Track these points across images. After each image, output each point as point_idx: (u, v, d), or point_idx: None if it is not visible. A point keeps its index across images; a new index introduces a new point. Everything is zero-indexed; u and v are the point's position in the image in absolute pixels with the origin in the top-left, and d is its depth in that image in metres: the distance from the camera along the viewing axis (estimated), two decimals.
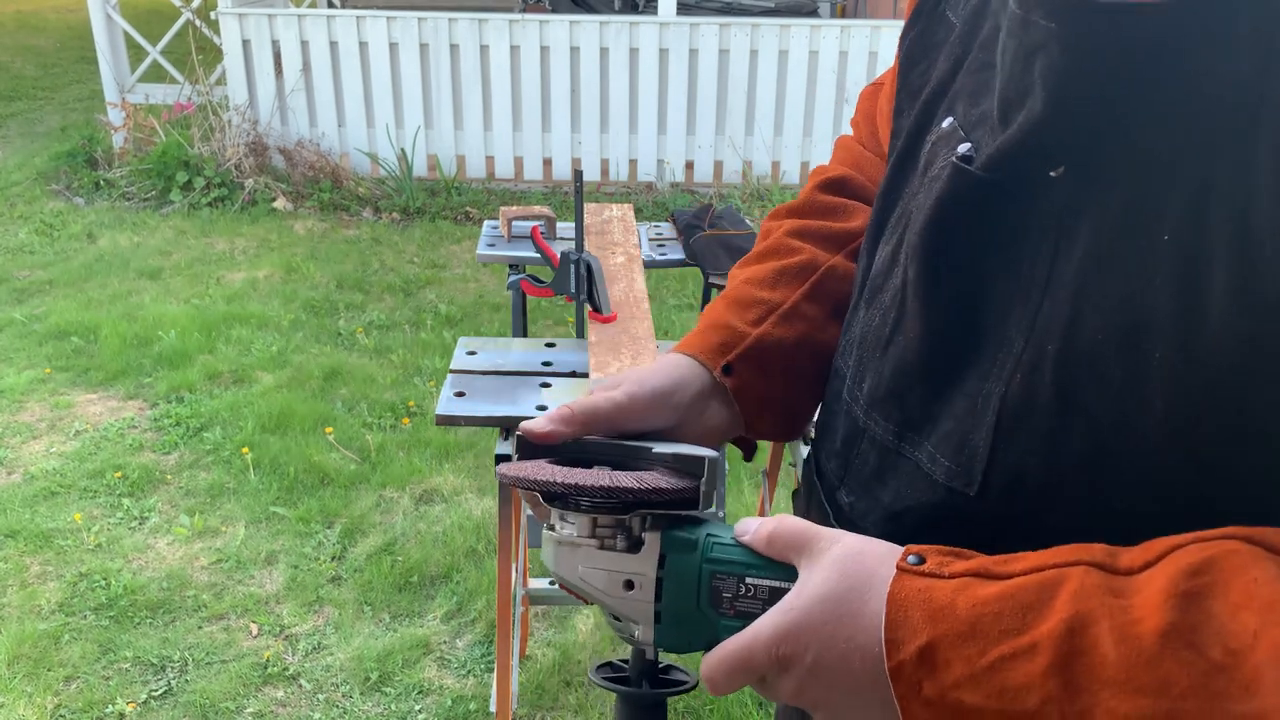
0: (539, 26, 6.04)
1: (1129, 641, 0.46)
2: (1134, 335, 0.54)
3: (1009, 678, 0.49)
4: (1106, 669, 0.47)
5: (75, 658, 2.46)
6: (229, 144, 5.99)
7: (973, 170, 0.62)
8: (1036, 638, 0.49)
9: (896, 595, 0.54)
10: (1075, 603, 0.49)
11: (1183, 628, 0.45)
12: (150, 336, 4.14)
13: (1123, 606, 0.48)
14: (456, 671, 2.45)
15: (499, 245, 2.53)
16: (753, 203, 6.07)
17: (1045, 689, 0.48)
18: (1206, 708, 0.44)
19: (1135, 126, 0.55)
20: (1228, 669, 0.44)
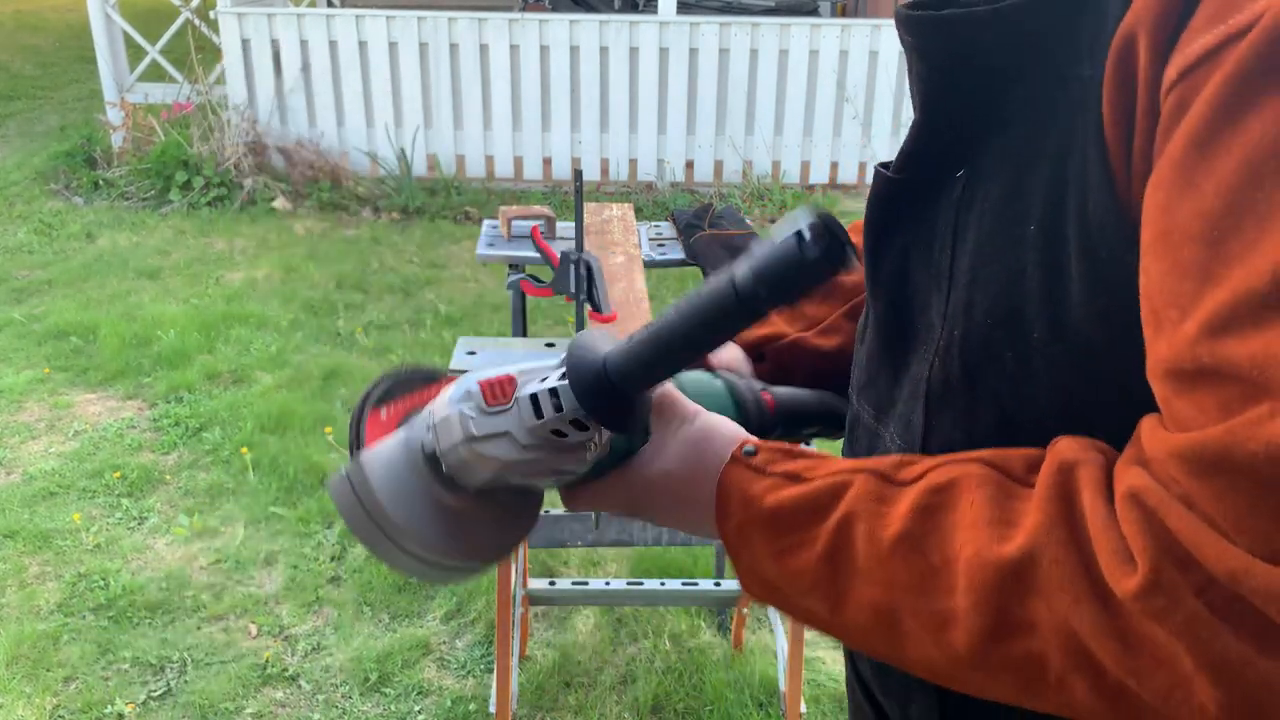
0: (539, 26, 6.03)
1: (875, 542, 0.56)
2: (1014, 317, 0.60)
3: (792, 562, 0.60)
4: (858, 561, 0.56)
5: (74, 658, 2.45)
6: (228, 143, 5.98)
7: (887, 174, 0.70)
8: (816, 533, 0.59)
9: (723, 482, 0.65)
10: (849, 505, 0.58)
11: (915, 535, 0.54)
12: (149, 336, 4.14)
13: (881, 512, 0.57)
14: (456, 672, 2.45)
15: (499, 245, 2.53)
16: (753, 202, 6.07)
17: (816, 573, 0.58)
18: (918, 601, 0.54)
19: (1009, 128, 0.61)
20: (939, 572, 0.53)
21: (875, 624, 0.56)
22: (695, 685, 2.41)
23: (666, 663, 2.48)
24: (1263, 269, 0.44)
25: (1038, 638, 0.50)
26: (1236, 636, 0.43)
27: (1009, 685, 0.52)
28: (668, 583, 2.37)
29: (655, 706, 2.35)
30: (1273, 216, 0.44)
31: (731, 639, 2.55)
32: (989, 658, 0.51)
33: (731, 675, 2.43)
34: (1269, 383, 0.43)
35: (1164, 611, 0.45)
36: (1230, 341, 0.44)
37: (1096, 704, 0.49)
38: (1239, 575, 0.43)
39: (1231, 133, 0.46)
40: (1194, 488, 0.45)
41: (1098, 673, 0.48)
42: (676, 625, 2.61)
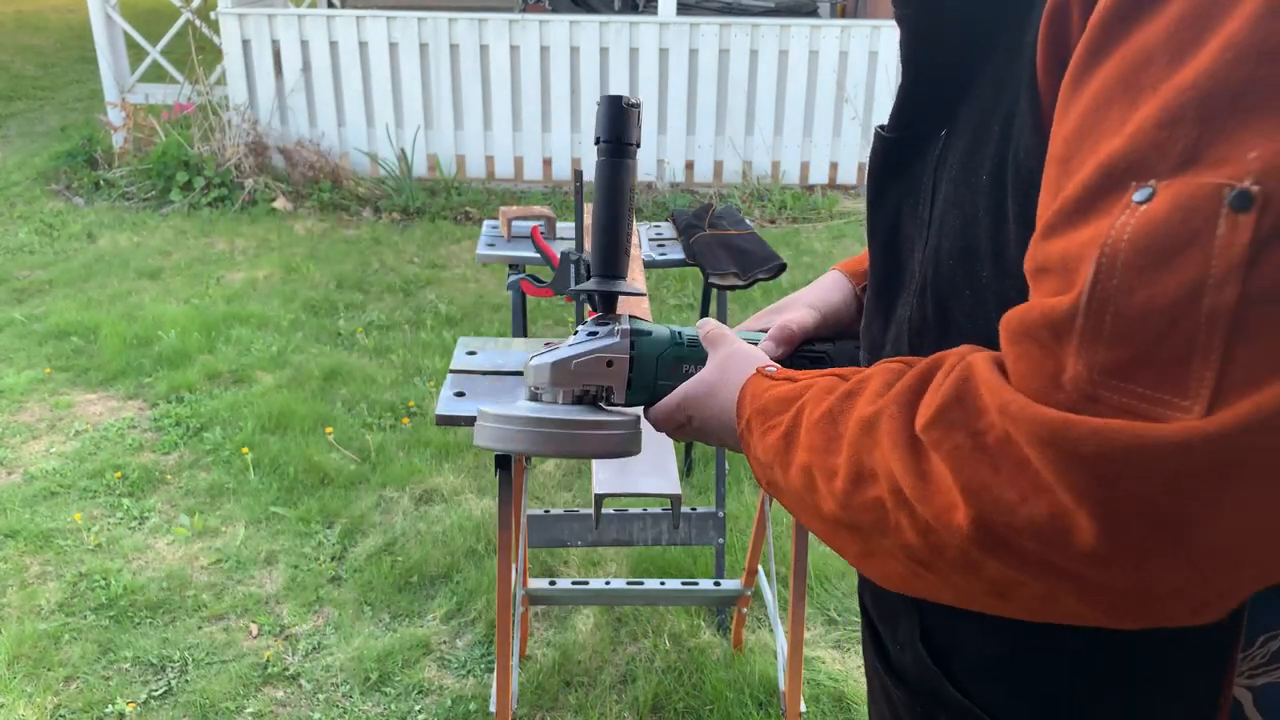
0: (539, 26, 6.04)
1: (810, 419, 0.68)
2: (968, 258, 0.68)
3: (768, 439, 0.73)
4: (799, 434, 0.69)
5: (75, 658, 2.45)
6: (229, 144, 5.99)
7: (882, 133, 0.79)
8: (784, 418, 0.72)
9: (744, 387, 0.80)
10: (809, 395, 0.70)
11: (835, 410, 0.65)
12: (150, 336, 4.14)
13: (823, 399, 0.68)
14: (456, 671, 2.45)
15: (499, 245, 2.53)
16: (753, 202, 6.07)
17: (777, 447, 0.71)
18: (823, 460, 0.65)
19: (977, 92, 0.69)
20: (840, 437, 0.64)
21: (802, 485, 0.67)
22: (695, 685, 2.42)
23: (666, 662, 2.49)
24: (1080, 180, 0.52)
25: (878, 484, 0.59)
26: (989, 465, 0.52)
27: (872, 527, 0.60)
28: (668, 582, 2.38)
29: (655, 706, 2.36)
30: (1100, 139, 0.52)
31: (731, 639, 2.56)
32: (852, 503, 0.61)
33: (731, 675, 2.43)
34: (1064, 272, 0.51)
35: (938, 441, 0.55)
36: (1052, 242, 0.53)
37: (918, 541, 0.57)
38: (1006, 405, 0.52)
39: (1094, 70, 0.53)
40: (1006, 351, 0.55)
41: (911, 509, 0.56)
42: (676, 625, 2.61)
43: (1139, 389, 0.48)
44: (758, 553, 2.34)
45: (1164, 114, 0.49)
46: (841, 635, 2.60)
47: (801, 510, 0.70)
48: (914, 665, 0.81)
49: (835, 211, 6.02)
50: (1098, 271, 0.49)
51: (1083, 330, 0.50)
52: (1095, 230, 0.50)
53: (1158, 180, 0.49)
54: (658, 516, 2.56)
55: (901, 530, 0.58)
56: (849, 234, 5.69)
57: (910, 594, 0.64)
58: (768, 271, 2.18)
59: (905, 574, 0.61)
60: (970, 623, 0.76)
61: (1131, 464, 0.47)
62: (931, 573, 0.58)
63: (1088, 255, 0.50)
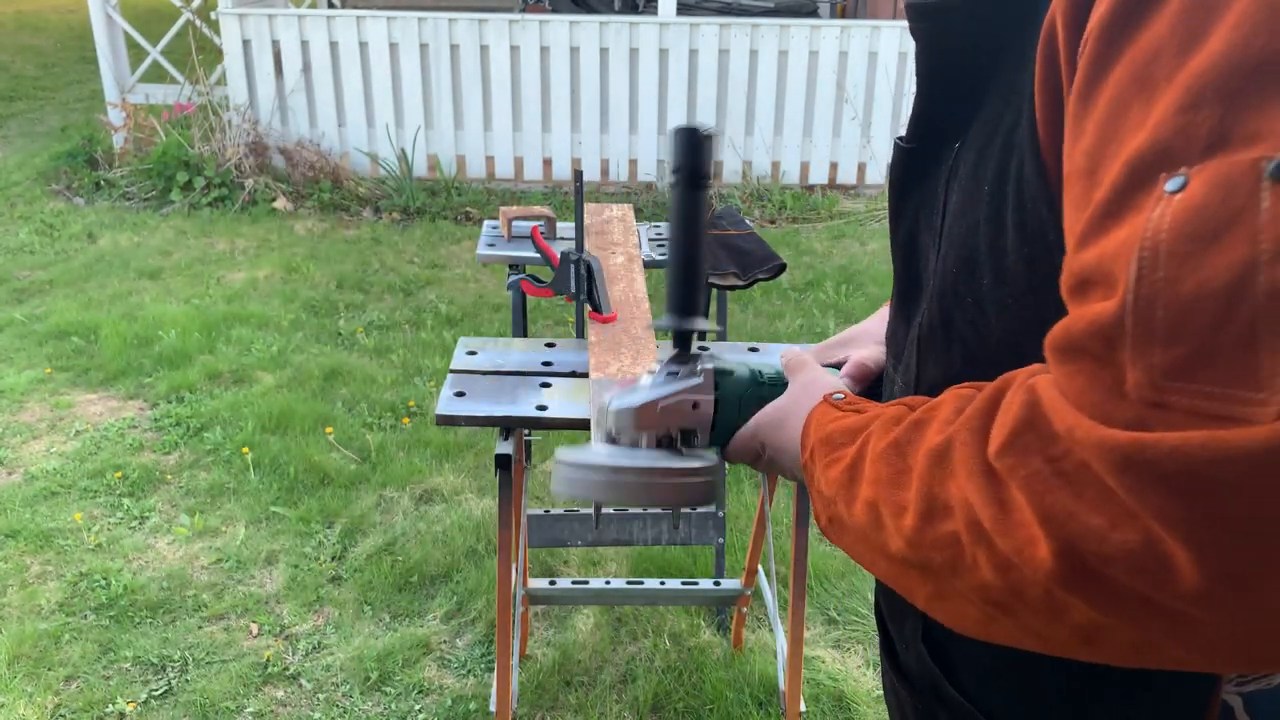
0: (539, 27, 6.04)
1: (875, 450, 0.64)
2: (970, 266, 0.68)
3: (832, 472, 0.70)
4: (864, 467, 0.65)
5: (75, 657, 2.46)
6: (229, 144, 5.99)
7: (901, 145, 0.79)
8: (849, 450, 0.69)
9: (810, 415, 0.77)
10: (875, 426, 0.67)
11: (902, 441, 0.62)
12: (150, 336, 4.15)
13: (889, 429, 0.65)
14: (456, 671, 2.45)
15: (499, 245, 2.53)
16: (752, 203, 6.07)
17: (841, 480, 0.68)
18: (890, 494, 0.61)
19: (987, 105, 0.69)
20: (910, 470, 0.60)
21: (868, 521, 0.64)
22: (695, 684, 2.42)
23: (666, 662, 2.49)
24: (1108, 184, 0.50)
25: (954, 518, 0.55)
26: (1070, 493, 0.48)
27: (944, 566, 0.57)
28: (668, 582, 2.38)
29: (655, 705, 2.36)
30: (1123, 141, 0.50)
31: (731, 638, 2.56)
32: (924, 539, 0.57)
33: (731, 674, 2.43)
34: (1105, 278, 0.49)
35: (1012, 469, 0.51)
36: (1085, 252, 0.51)
37: (996, 579, 0.53)
38: (1073, 431, 0.49)
39: (1103, 79, 0.53)
40: (1057, 373, 0.52)
41: (990, 543, 0.52)
42: (676, 624, 2.61)
43: (1207, 388, 0.45)
44: (758, 552, 2.34)
45: (1184, 99, 0.48)
46: (841, 635, 2.60)
47: (867, 550, 0.66)
48: (916, 664, 0.82)
49: (835, 212, 6.02)
50: (1140, 267, 0.47)
51: (1134, 332, 0.47)
52: (1131, 229, 0.48)
53: (1188, 167, 0.47)
54: (658, 516, 2.56)
55: (978, 568, 0.53)
56: (849, 234, 5.69)
57: (990, 640, 0.59)
58: (768, 271, 2.19)
59: (980, 618, 0.57)
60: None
61: (1219, 479, 0.43)
62: (1009, 617, 0.54)
63: (1126, 255, 0.48)
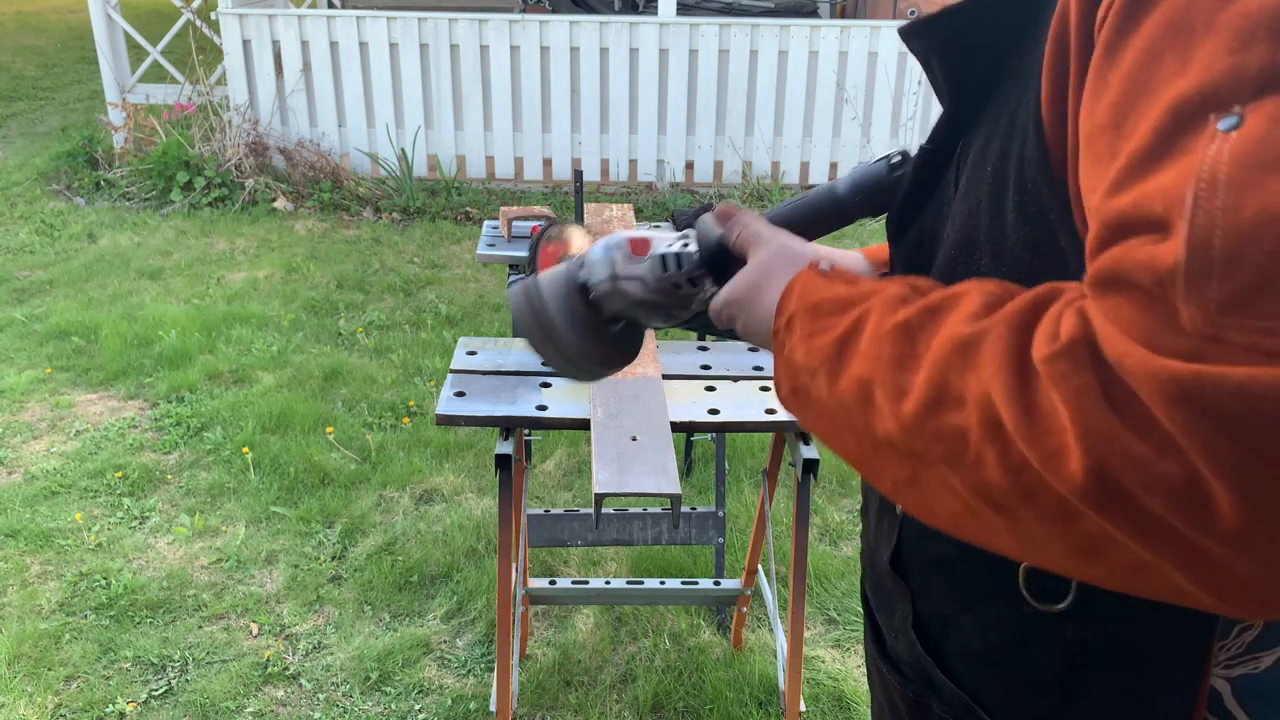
0: (539, 27, 6.04)
1: (878, 329, 0.61)
2: (968, 247, 0.69)
3: (815, 342, 0.66)
4: (860, 343, 0.62)
5: (75, 657, 2.46)
6: (229, 144, 5.99)
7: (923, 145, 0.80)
8: (840, 321, 0.65)
9: (794, 281, 0.73)
10: (874, 301, 0.64)
11: (913, 325, 0.59)
12: (151, 336, 4.15)
13: (895, 310, 0.62)
14: (456, 671, 2.46)
15: (499, 245, 2.53)
16: (753, 203, 6.07)
17: (827, 352, 0.65)
18: (890, 374, 0.59)
19: (996, 98, 0.70)
20: (919, 356, 0.58)
21: (856, 396, 0.61)
22: (695, 684, 2.42)
23: (666, 662, 2.49)
24: (1146, 131, 0.50)
25: (965, 411, 0.53)
26: (1118, 416, 0.47)
27: (940, 458, 0.55)
28: (668, 582, 2.38)
29: (655, 705, 2.36)
30: (1158, 88, 0.50)
31: (731, 638, 2.56)
32: (925, 426, 0.56)
33: (731, 674, 2.44)
34: (1148, 220, 0.48)
35: (1063, 376, 0.49)
36: (1121, 196, 0.50)
37: (1004, 480, 0.52)
38: (1122, 359, 0.47)
39: (1132, 32, 0.52)
40: (1102, 306, 0.50)
41: (1005, 444, 0.51)
42: (676, 624, 2.61)
43: (1267, 322, 0.43)
44: (757, 552, 2.34)
45: (1233, 40, 0.47)
46: (841, 635, 2.60)
47: (839, 426, 0.64)
48: (907, 652, 0.83)
49: None
50: (1196, 198, 0.45)
51: (1189, 265, 0.45)
52: (1180, 170, 0.47)
53: (1242, 105, 0.46)
54: (658, 516, 2.56)
55: (983, 466, 0.52)
56: (849, 234, 5.69)
57: (954, 534, 0.59)
58: None
59: (959, 511, 0.56)
60: (961, 611, 0.77)
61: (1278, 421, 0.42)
62: (1002, 516, 0.53)
63: (1175, 193, 0.46)
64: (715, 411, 1.73)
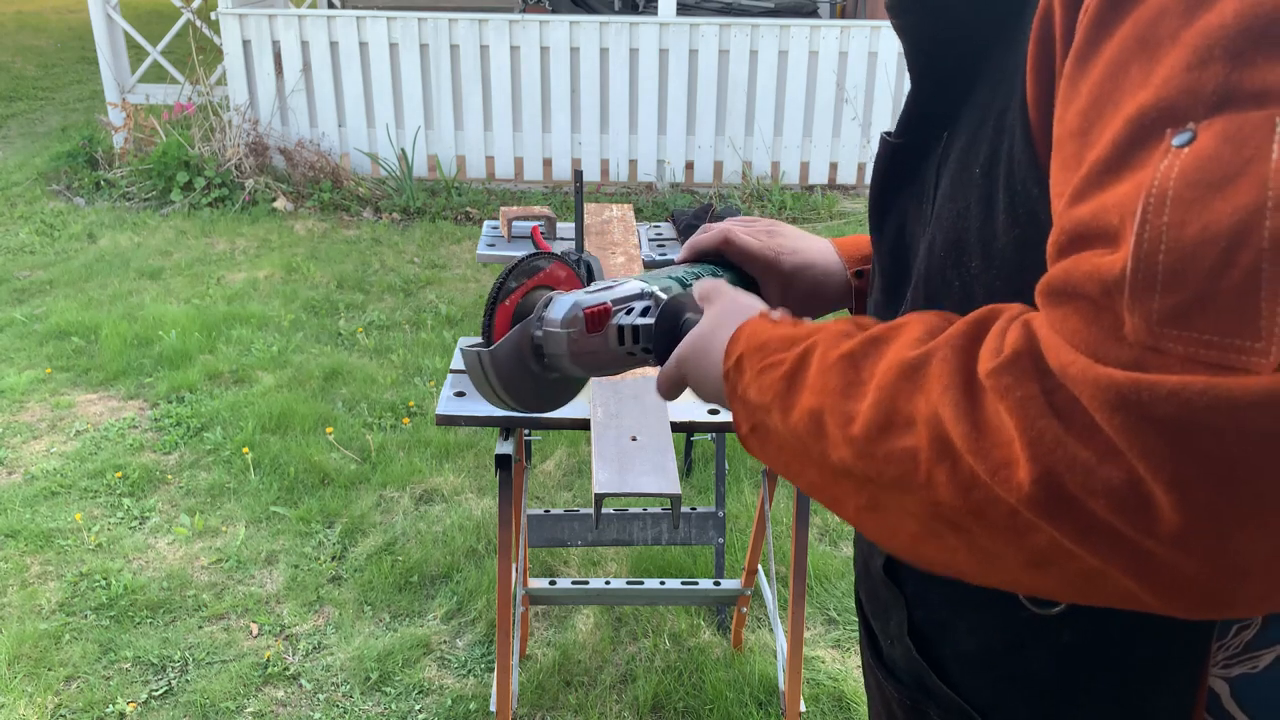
0: (539, 27, 6.04)
1: (824, 360, 0.62)
2: (958, 250, 0.68)
3: (765, 379, 0.67)
4: (808, 377, 0.63)
5: (76, 657, 2.46)
6: (229, 144, 5.99)
7: (889, 139, 0.79)
8: (786, 356, 0.66)
9: (742, 326, 0.74)
10: (820, 337, 0.65)
11: (857, 354, 0.60)
12: (151, 336, 4.15)
13: (839, 343, 0.63)
14: (456, 671, 2.46)
15: (499, 245, 2.53)
16: (753, 203, 6.07)
17: (776, 388, 0.65)
18: (838, 403, 0.59)
19: (978, 92, 0.70)
20: (864, 383, 0.59)
21: (808, 428, 0.62)
22: (695, 684, 2.42)
23: (666, 662, 2.49)
24: (1107, 142, 0.51)
25: (914, 433, 0.54)
26: (1061, 424, 0.48)
27: (893, 481, 0.55)
28: (668, 582, 2.38)
29: (655, 705, 2.36)
30: (1122, 99, 0.51)
31: (731, 638, 2.56)
32: (875, 451, 0.56)
33: (731, 674, 2.44)
34: (1104, 230, 0.49)
35: (1007, 389, 0.50)
36: (1081, 206, 0.51)
37: (955, 499, 0.52)
38: (1066, 369, 0.48)
39: (1103, 41, 0.53)
40: (1050, 315, 0.51)
41: (954, 461, 0.52)
42: (676, 624, 2.61)
43: (1205, 335, 0.45)
44: (758, 552, 2.34)
45: (1192, 57, 0.48)
46: (841, 635, 2.60)
47: (796, 460, 0.65)
48: (903, 659, 0.83)
49: (835, 212, 6.03)
50: (1144, 213, 0.46)
51: (1134, 277, 0.47)
52: (1134, 183, 0.48)
53: (1195, 122, 0.47)
54: (658, 516, 2.56)
55: (934, 485, 0.53)
56: (849, 234, 5.69)
57: (913, 558, 0.59)
58: None
59: (918, 533, 0.57)
60: (957, 616, 0.77)
61: (1212, 426, 0.43)
62: (957, 535, 0.54)
63: (1129, 205, 0.48)
64: (715, 411, 1.73)
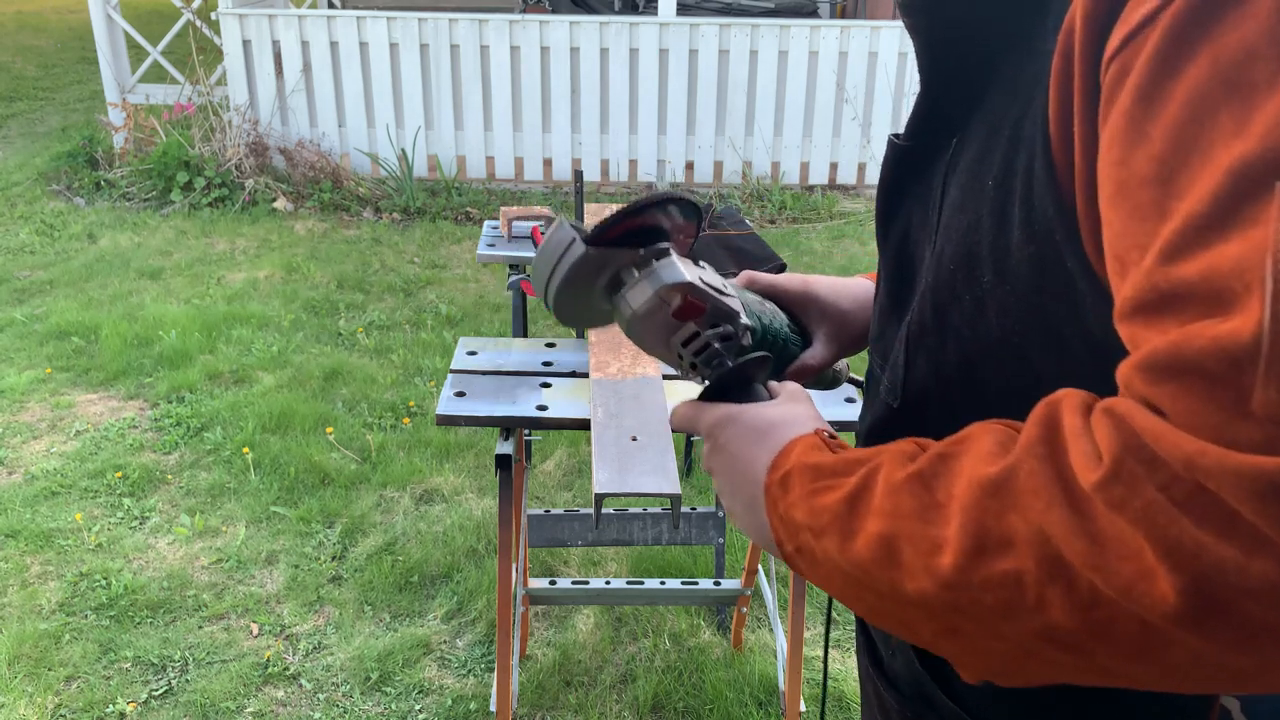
0: (539, 27, 6.04)
1: (891, 482, 0.59)
2: (969, 263, 0.67)
3: (819, 501, 0.63)
4: (874, 500, 0.59)
5: (76, 657, 2.46)
6: (229, 144, 5.99)
7: (897, 142, 0.78)
8: (847, 480, 0.62)
9: (797, 440, 0.70)
10: (882, 458, 0.62)
11: (926, 474, 0.57)
12: (151, 336, 4.15)
13: (905, 463, 0.60)
14: (456, 671, 2.46)
15: (499, 245, 2.53)
16: (752, 203, 6.08)
17: (836, 509, 0.61)
18: (916, 528, 0.56)
19: (990, 98, 0.68)
20: (941, 506, 0.55)
21: (877, 556, 0.58)
22: (695, 684, 2.42)
23: (666, 662, 2.49)
24: (1204, 194, 0.47)
25: (1015, 554, 0.50)
26: (1193, 522, 0.44)
27: (992, 609, 0.52)
28: (668, 582, 2.38)
29: (655, 705, 2.36)
30: (1213, 148, 0.48)
31: (731, 638, 2.56)
32: (971, 579, 0.52)
33: (731, 674, 2.44)
34: (1216, 294, 0.46)
35: (1123, 500, 0.46)
36: (1183, 265, 0.48)
37: (1072, 620, 0.49)
38: (1194, 459, 0.44)
39: (1173, 81, 0.50)
40: (1154, 393, 0.47)
41: (1070, 580, 0.48)
42: (676, 624, 2.61)
43: None
44: (758, 552, 2.34)
45: None
46: (841, 635, 2.60)
47: (854, 585, 0.61)
48: (905, 670, 0.81)
49: (835, 212, 6.03)
50: (1276, 273, 0.43)
51: (1271, 350, 0.43)
52: (1249, 241, 0.45)
53: None
54: (658, 516, 2.56)
55: (1046, 608, 0.49)
56: (849, 234, 5.69)
57: (1002, 679, 0.56)
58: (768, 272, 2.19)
59: (1011, 655, 0.53)
60: None
61: None
62: (1071, 655, 0.51)
63: (1249, 267, 0.44)
64: None
